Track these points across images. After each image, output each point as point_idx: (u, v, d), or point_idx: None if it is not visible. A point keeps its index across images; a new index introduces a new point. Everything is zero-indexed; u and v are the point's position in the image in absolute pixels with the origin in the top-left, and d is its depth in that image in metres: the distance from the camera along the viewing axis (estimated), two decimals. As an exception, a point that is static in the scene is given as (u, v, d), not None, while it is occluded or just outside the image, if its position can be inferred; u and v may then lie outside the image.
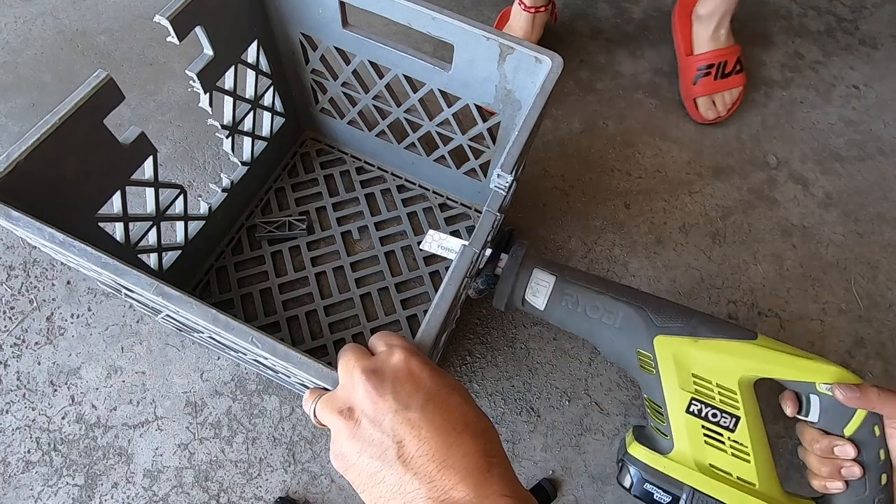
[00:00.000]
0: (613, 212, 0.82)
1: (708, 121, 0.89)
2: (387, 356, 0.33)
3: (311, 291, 0.72)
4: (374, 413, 0.30)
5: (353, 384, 0.32)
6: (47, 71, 0.87)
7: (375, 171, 0.81)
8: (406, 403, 0.30)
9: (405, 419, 0.30)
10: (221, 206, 0.69)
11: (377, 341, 0.35)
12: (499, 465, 0.30)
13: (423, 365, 0.32)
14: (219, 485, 0.63)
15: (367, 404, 0.31)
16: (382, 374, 0.32)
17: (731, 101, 0.90)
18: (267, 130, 0.73)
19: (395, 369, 0.32)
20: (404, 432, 0.30)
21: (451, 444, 0.29)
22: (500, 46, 0.51)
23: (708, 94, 0.88)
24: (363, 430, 0.30)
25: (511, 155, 0.45)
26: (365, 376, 0.31)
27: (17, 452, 0.63)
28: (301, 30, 0.63)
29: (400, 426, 0.30)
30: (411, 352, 0.33)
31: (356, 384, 0.32)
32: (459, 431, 0.30)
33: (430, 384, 0.31)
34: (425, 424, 0.30)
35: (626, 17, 1.01)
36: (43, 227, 0.39)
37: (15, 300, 0.71)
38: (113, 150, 0.49)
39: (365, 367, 0.32)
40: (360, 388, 0.31)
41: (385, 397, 0.30)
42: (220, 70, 0.57)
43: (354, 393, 0.32)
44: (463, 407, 0.32)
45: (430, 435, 0.29)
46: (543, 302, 0.52)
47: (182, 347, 0.69)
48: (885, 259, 0.80)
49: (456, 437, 0.30)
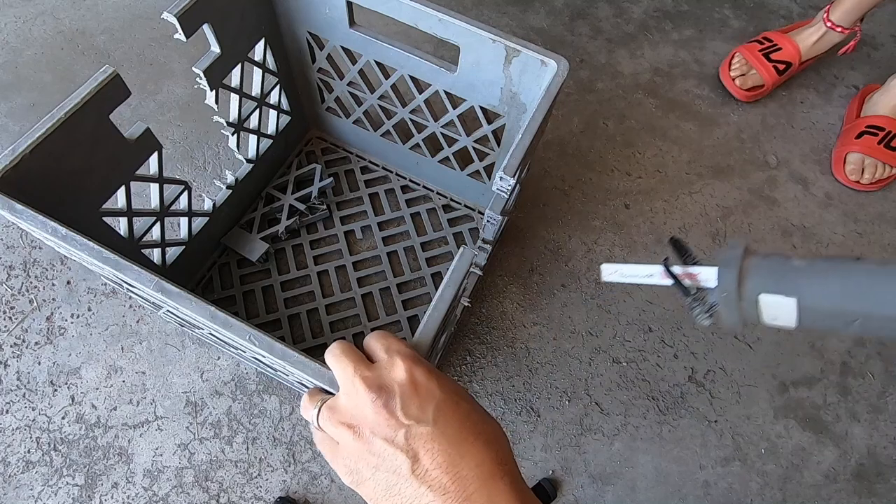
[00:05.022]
0: (613, 212, 0.82)
1: (849, 182, 0.85)
2: (389, 366, 0.32)
3: (312, 290, 0.72)
4: (386, 431, 0.30)
5: (357, 398, 0.31)
6: (47, 71, 0.87)
7: (380, 170, 0.81)
8: (417, 418, 0.30)
9: (418, 434, 0.30)
10: (225, 202, 0.69)
11: (375, 344, 0.34)
12: (510, 473, 0.31)
13: (427, 374, 0.32)
14: (219, 485, 0.62)
15: (378, 423, 0.30)
16: (389, 389, 0.31)
17: (881, 176, 0.84)
18: (273, 128, 0.73)
19: (401, 383, 0.31)
20: (418, 447, 0.30)
21: (464, 454, 0.30)
22: (506, 49, 0.51)
23: (864, 153, 0.83)
24: (376, 448, 0.30)
25: (514, 158, 0.45)
26: (372, 393, 0.31)
27: (17, 452, 0.63)
28: (308, 28, 0.63)
29: (413, 441, 0.30)
30: (414, 360, 0.32)
31: (362, 400, 0.31)
32: (472, 441, 0.30)
33: (439, 395, 0.31)
34: (437, 437, 0.30)
35: (626, 17, 1.02)
36: (46, 221, 0.38)
37: (15, 300, 0.70)
38: (118, 145, 0.49)
39: (370, 382, 0.31)
40: (367, 405, 0.31)
41: (395, 414, 0.30)
42: (227, 68, 0.57)
43: (362, 409, 0.31)
44: (472, 415, 0.32)
45: (442, 447, 0.29)
46: (792, 321, 0.40)
47: (182, 347, 0.69)
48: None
49: (469, 447, 0.30)
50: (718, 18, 1.03)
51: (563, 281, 0.76)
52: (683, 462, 0.67)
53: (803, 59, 0.91)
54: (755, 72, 0.91)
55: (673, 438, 0.68)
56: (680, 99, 0.93)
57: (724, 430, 0.69)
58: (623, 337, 0.73)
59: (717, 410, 0.70)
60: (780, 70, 0.90)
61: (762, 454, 0.68)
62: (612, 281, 0.43)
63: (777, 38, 0.92)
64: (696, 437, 0.68)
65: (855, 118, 0.89)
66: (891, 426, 0.70)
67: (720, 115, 0.92)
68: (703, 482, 0.66)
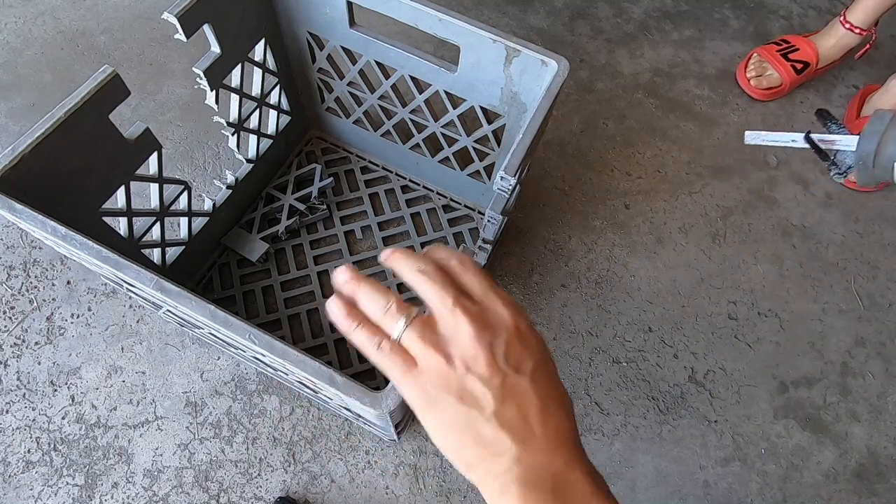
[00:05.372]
0: (613, 212, 0.82)
1: (848, 182, 0.86)
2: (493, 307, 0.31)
3: (312, 290, 0.72)
4: (484, 371, 0.29)
5: (458, 329, 0.30)
6: (47, 71, 0.87)
7: (380, 170, 0.81)
8: (517, 367, 0.30)
9: (515, 384, 0.29)
10: (225, 202, 0.69)
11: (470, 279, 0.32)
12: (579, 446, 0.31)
13: (530, 326, 0.31)
14: (219, 485, 0.62)
15: (476, 360, 0.29)
16: (495, 329, 0.30)
17: None
18: (273, 128, 0.73)
19: (507, 327, 0.30)
20: (509, 394, 0.29)
21: (549, 415, 0.30)
22: (506, 49, 0.51)
23: None
24: (468, 383, 0.29)
25: (515, 158, 0.45)
26: (476, 329, 0.29)
27: (17, 452, 0.63)
28: (308, 29, 0.63)
29: (508, 388, 0.29)
30: (518, 308, 0.32)
31: (463, 332, 0.30)
32: (558, 405, 0.30)
33: (539, 351, 0.31)
34: (531, 393, 0.29)
35: (626, 17, 1.02)
36: (46, 221, 0.38)
37: (15, 300, 0.70)
38: (118, 144, 0.49)
39: (474, 317, 0.30)
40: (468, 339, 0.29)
41: (497, 357, 0.29)
42: (227, 68, 0.57)
43: (462, 341, 0.30)
44: (559, 383, 0.32)
45: (532, 403, 0.29)
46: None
47: (182, 347, 0.69)
48: (885, 259, 0.80)
49: (554, 410, 0.30)
50: (718, 18, 1.03)
51: (563, 281, 0.76)
52: (683, 462, 0.67)
53: (821, 61, 0.91)
54: (772, 72, 0.91)
55: (673, 438, 0.68)
56: (680, 99, 0.93)
57: (724, 430, 0.69)
58: (623, 337, 0.73)
59: (717, 410, 0.70)
60: (798, 70, 0.90)
61: (762, 454, 0.68)
62: (753, 143, 0.47)
63: (794, 40, 0.92)
64: (696, 437, 0.68)
65: (855, 118, 0.89)
66: (891, 426, 0.70)
67: (720, 115, 0.92)
68: (703, 482, 0.66)
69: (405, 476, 0.64)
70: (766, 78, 0.91)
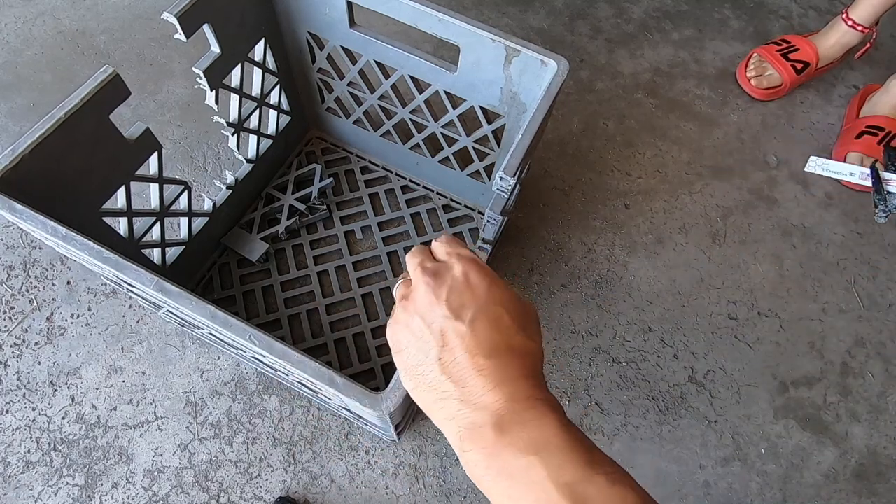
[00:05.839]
0: (613, 212, 0.82)
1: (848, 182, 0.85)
2: (450, 263, 0.34)
3: (312, 290, 0.72)
4: (427, 312, 0.32)
5: (416, 282, 0.34)
6: (47, 71, 0.87)
7: (380, 170, 0.81)
8: (457, 313, 0.31)
9: (453, 327, 0.31)
10: (225, 202, 0.69)
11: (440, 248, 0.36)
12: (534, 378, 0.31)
13: (481, 276, 0.33)
14: (219, 485, 0.62)
15: (423, 302, 0.32)
16: (442, 278, 0.33)
17: None
18: (273, 128, 0.73)
19: (454, 275, 0.33)
20: (448, 338, 0.31)
21: (490, 358, 0.30)
22: (506, 49, 0.51)
23: (864, 153, 0.83)
24: (415, 324, 0.32)
25: (514, 158, 0.45)
26: (427, 277, 0.33)
27: (17, 452, 0.63)
28: (308, 29, 0.63)
29: (447, 332, 0.31)
30: (474, 262, 0.34)
31: (417, 282, 0.34)
32: (501, 351, 0.31)
33: (485, 299, 0.32)
34: (470, 337, 0.31)
35: (626, 17, 1.02)
36: (46, 221, 0.38)
37: (15, 300, 0.70)
38: (118, 145, 0.49)
39: (427, 268, 0.34)
40: (420, 287, 0.33)
41: (440, 301, 0.32)
42: (227, 68, 0.57)
43: (416, 290, 0.33)
44: (511, 329, 0.32)
45: (471, 346, 0.30)
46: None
47: (182, 347, 0.69)
48: (885, 259, 0.80)
49: (496, 356, 0.30)
50: (718, 18, 1.04)
51: (563, 281, 0.76)
52: (683, 462, 0.67)
53: (821, 61, 0.91)
54: (772, 72, 0.91)
55: (673, 438, 0.68)
56: (680, 99, 0.93)
57: (724, 430, 0.69)
58: (623, 337, 0.73)
59: (717, 410, 0.70)
60: (798, 69, 0.90)
61: (762, 454, 0.68)
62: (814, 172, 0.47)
63: (794, 40, 0.93)
64: (696, 437, 0.68)
65: (855, 118, 0.89)
66: (891, 426, 0.70)
67: (720, 115, 0.92)
68: (703, 482, 0.66)
69: (405, 476, 0.64)
70: (766, 78, 0.92)
